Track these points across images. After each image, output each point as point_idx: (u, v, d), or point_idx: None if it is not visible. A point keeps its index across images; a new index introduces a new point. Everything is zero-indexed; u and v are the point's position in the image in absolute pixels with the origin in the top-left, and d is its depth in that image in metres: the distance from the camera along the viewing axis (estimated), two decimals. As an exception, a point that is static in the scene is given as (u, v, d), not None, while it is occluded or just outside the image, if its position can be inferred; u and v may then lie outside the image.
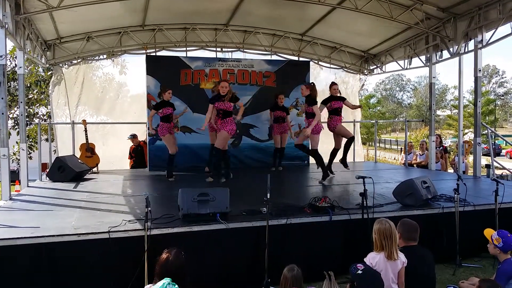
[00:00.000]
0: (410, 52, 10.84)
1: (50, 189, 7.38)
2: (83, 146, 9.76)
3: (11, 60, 15.02)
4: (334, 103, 8.44)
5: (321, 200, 5.22)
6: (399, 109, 79.56)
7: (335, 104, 8.44)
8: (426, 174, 7.92)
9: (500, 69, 76.93)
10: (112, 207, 5.65)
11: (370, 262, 3.62)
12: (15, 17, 7.03)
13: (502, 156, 32.91)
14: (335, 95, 8.56)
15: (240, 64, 10.88)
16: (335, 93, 8.56)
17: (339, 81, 13.29)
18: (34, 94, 15.86)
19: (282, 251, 4.66)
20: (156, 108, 8.41)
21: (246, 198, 5.96)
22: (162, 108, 8.29)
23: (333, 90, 8.56)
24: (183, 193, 4.76)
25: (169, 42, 11.12)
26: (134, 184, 8.09)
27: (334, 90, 8.56)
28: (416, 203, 5.47)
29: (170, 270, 3.09)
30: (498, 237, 3.93)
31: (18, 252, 4.03)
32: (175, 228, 4.49)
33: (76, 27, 9.89)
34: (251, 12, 10.12)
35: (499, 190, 5.24)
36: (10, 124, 14.65)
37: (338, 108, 8.49)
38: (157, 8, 9.46)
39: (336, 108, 8.46)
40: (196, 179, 8.53)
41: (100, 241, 4.23)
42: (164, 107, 8.30)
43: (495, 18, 8.02)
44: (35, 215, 5.23)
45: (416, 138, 24.94)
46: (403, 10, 8.84)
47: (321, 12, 9.84)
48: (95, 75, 11.79)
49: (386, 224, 3.66)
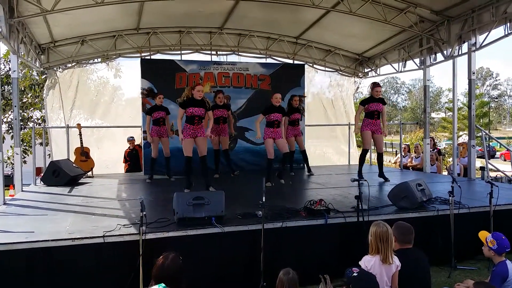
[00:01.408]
0: (404, 55, 10.89)
1: (45, 193, 7.34)
2: (78, 150, 9.72)
3: (5, 63, 14.96)
4: (372, 105, 7.98)
5: (317, 203, 5.22)
6: (393, 111, 79.83)
7: (372, 107, 7.98)
8: (421, 176, 7.94)
9: (494, 72, 77.56)
10: (107, 211, 5.63)
11: (365, 265, 3.61)
12: (8, 20, 6.99)
13: (496, 158, 32.99)
14: (376, 97, 8.00)
15: (235, 67, 10.88)
16: (376, 95, 7.99)
17: (334, 84, 13.39)
18: (28, 98, 15.76)
19: (277, 254, 4.65)
20: (148, 113, 8.70)
21: (241, 202, 5.95)
22: (153, 113, 8.62)
23: (375, 92, 7.98)
24: (178, 197, 4.75)
25: (164, 45, 11.11)
26: (129, 188, 8.07)
27: (376, 92, 7.98)
28: (411, 205, 5.48)
29: (167, 274, 3.08)
30: (493, 239, 3.94)
31: (12, 257, 4.01)
32: (170, 232, 4.47)
33: (71, 30, 9.85)
34: (246, 15, 10.12)
35: (493, 192, 5.25)
36: (4, 128, 14.57)
37: (374, 112, 7.99)
38: (151, 11, 9.45)
39: (372, 111, 8.00)
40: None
41: (95, 246, 4.22)
42: (156, 111, 8.62)
43: (488, 21, 8.07)
44: (29, 219, 5.21)
45: (411, 141, 25.00)
46: (397, 13, 8.88)
47: (316, 15, 9.86)
48: (90, 79, 11.74)
49: (384, 227, 3.65)
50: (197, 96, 6.78)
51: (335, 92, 13.46)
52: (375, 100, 7.99)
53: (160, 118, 8.62)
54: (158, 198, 6.76)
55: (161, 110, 8.66)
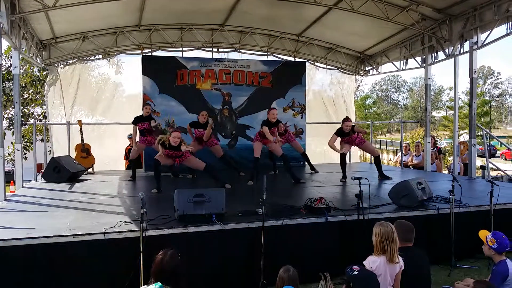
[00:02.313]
0: (406, 53, 10.87)
1: (45, 189, 7.35)
2: (79, 147, 9.73)
3: (6, 59, 14.93)
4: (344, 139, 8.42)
5: (317, 201, 5.22)
6: (394, 110, 79.70)
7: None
8: (422, 175, 7.94)
9: (495, 70, 77.40)
10: (108, 208, 5.64)
11: (370, 266, 3.58)
12: (10, 16, 6.99)
13: (497, 158, 33.01)
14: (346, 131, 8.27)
15: (236, 64, 10.87)
16: (346, 129, 8.23)
17: (335, 82, 13.38)
18: (29, 94, 15.79)
19: (278, 252, 4.65)
20: (134, 123, 8.69)
21: (242, 199, 5.95)
22: (138, 123, 8.62)
23: (345, 126, 8.22)
24: (179, 194, 4.75)
25: (165, 42, 11.10)
26: (129, 185, 8.07)
27: (346, 126, 8.22)
28: (411, 204, 5.48)
29: (165, 271, 3.07)
30: (493, 238, 3.94)
31: (13, 253, 4.02)
32: (170, 229, 4.49)
33: (72, 26, 9.85)
34: (248, 12, 10.11)
35: (494, 191, 5.25)
36: (5, 124, 14.58)
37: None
38: (153, 8, 9.44)
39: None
40: (191, 180, 8.53)
41: (96, 242, 4.23)
42: (139, 122, 8.62)
43: (490, 19, 8.05)
44: (30, 216, 5.22)
45: (411, 139, 24.99)
46: (399, 11, 8.86)
47: (317, 12, 9.84)
48: (91, 75, 11.75)
49: (388, 226, 3.63)
50: (173, 142, 7.03)
51: (336, 90, 13.45)
52: (346, 134, 8.26)
53: (144, 130, 8.60)
54: (159, 195, 6.76)
55: (145, 121, 8.59)
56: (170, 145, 7.03)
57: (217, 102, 10.65)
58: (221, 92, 10.64)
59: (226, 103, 10.70)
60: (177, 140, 7.00)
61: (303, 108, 11.32)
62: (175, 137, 7.00)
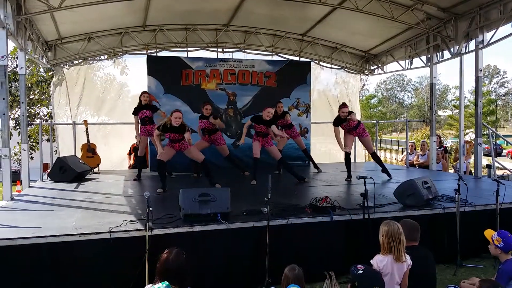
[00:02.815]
0: (411, 52, 10.84)
1: (51, 189, 7.39)
2: (85, 147, 9.77)
3: (12, 60, 15.04)
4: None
5: (322, 201, 5.22)
6: (400, 109, 79.38)
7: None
8: (427, 174, 7.91)
9: (501, 69, 76.75)
10: (113, 207, 5.66)
11: (377, 265, 3.58)
12: (16, 17, 7.04)
13: (503, 157, 32.85)
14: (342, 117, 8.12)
15: (241, 64, 10.89)
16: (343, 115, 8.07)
17: (340, 81, 13.37)
18: (35, 94, 15.90)
19: (283, 251, 4.66)
20: (134, 113, 8.60)
21: (247, 198, 5.96)
22: (138, 112, 8.50)
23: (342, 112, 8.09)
24: (184, 193, 4.77)
25: (170, 42, 11.13)
26: (135, 184, 8.09)
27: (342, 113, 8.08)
28: (417, 203, 5.47)
29: (170, 269, 3.08)
30: (499, 237, 3.93)
31: (19, 253, 4.04)
32: (176, 228, 4.50)
33: (77, 27, 9.90)
34: (252, 12, 10.12)
35: (500, 190, 5.23)
36: (11, 124, 14.68)
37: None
38: (158, 8, 9.47)
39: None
40: (197, 180, 8.54)
41: (101, 241, 4.24)
42: (140, 111, 8.49)
43: (496, 18, 8.02)
44: (36, 215, 5.24)
45: (417, 138, 24.90)
46: (404, 10, 8.83)
47: (322, 12, 9.84)
48: (96, 76, 11.82)
49: (394, 225, 3.62)
50: (174, 123, 6.90)
51: (341, 89, 13.44)
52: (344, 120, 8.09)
53: (145, 118, 8.49)
54: (165, 194, 6.78)
55: (145, 109, 8.48)
56: (172, 126, 6.91)
57: (222, 102, 10.67)
58: (226, 92, 10.68)
59: (231, 103, 10.71)
60: (179, 120, 6.89)
61: (308, 107, 11.31)
62: (176, 117, 6.87)
